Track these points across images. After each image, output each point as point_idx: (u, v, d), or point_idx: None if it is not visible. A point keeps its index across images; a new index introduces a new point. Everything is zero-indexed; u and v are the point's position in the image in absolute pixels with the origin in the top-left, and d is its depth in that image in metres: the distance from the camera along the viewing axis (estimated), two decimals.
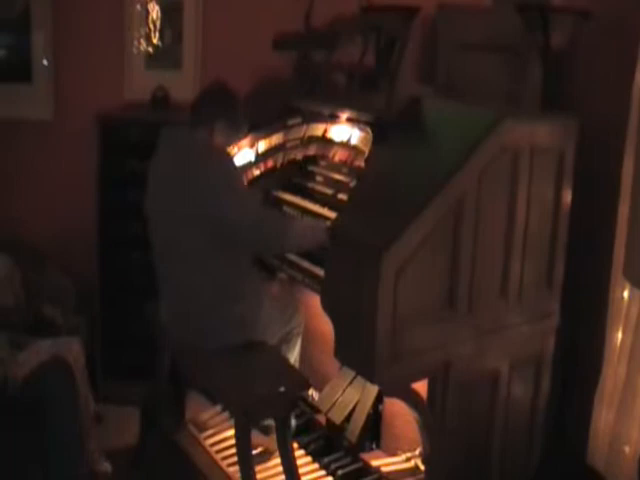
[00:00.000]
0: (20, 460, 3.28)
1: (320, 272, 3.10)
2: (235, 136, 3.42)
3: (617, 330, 3.10)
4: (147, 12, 4.41)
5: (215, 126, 3.26)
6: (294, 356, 3.55)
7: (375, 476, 3.38)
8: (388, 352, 2.66)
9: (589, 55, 3.33)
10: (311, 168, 3.80)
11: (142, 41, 4.43)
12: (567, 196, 3.10)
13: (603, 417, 3.16)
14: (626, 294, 3.06)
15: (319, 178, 3.73)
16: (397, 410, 3.28)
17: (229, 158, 3.34)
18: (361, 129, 3.42)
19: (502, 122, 2.84)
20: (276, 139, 3.79)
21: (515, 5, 3.23)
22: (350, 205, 3.09)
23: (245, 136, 3.61)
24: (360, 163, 3.38)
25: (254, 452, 3.23)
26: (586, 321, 3.31)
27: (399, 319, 2.66)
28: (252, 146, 3.74)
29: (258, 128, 3.75)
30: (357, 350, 2.73)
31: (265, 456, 3.46)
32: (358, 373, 3.15)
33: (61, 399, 3.35)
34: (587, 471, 3.18)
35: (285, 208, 3.68)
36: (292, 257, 3.35)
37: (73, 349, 3.61)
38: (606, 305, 3.17)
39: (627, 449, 3.10)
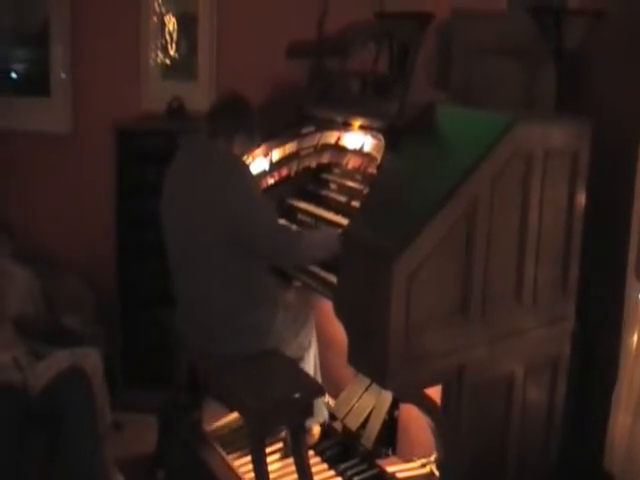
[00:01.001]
0: (38, 467, 3.30)
1: (334, 279, 3.09)
2: (253, 144, 3.45)
3: (633, 333, 3.07)
4: (164, 24, 4.45)
5: (235, 138, 3.28)
6: (312, 367, 3.54)
7: None
8: (401, 357, 2.65)
9: (603, 56, 3.31)
10: (325, 176, 3.81)
11: (159, 53, 4.47)
12: (581, 198, 3.08)
13: (620, 420, 3.13)
14: None
15: (333, 185, 3.74)
16: (413, 416, 3.26)
17: (248, 169, 3.35)
18: (374, 136, 3.42)
19: (515, 125, 2.83)
20: (290, 147, 3.80)
21: (528, 8, 3.22)
22: (362, 211, 3.08)
23: (258, 147, 3.62)
24: (373, 170, 3.38)
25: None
26: (602, 324, 3.27)
27: (412, 324, 2.65)
28: (266, 155, 3.75)
29: (272, 137, 3.76)
30: (370, 356, 2.72)
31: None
32: (371, 379, 3.14)
33: (78, 408, 3.37)
34: (603, 477, 3.14)
35: (299, 216, 3.68)
36: None
37: (91, 359, 3.63)
38: (621, 307, 3.15)
39: None
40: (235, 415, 3.76)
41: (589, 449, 3.32)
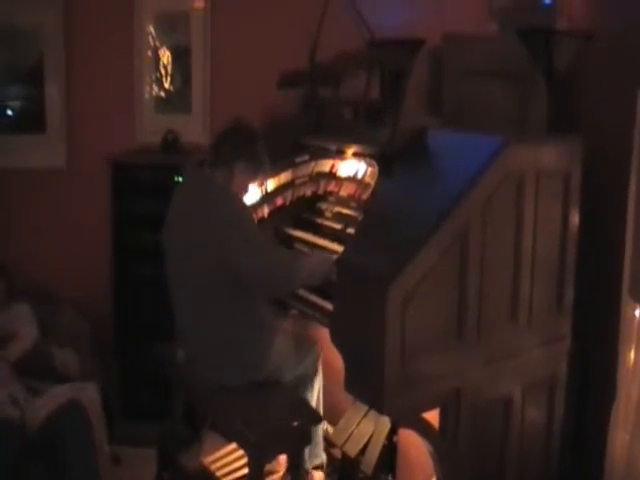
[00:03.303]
0: None
1: (330, 306, 3.08)
2: (258, 172, 3.36)
3: (630, 350, 3.05)
4: (158, 57, 4.49)
5: (234, 167, 3.26)
6: (314, 397, 3.52)
7: None
8: (397, 382, 2.64)
9: (593, 76, 3.34)
10: (320, 204, 3.82)
11: (154, 86, 4.50)
12: (575, 218, 3.09)
13: (619, 438, 3.10)
14: (637, 313, 3.01)
15: (328, 213, 3.75)
16: (412, 441, 3.23)
17: (242, 202, 3.31)
18: (367, 163, 3.44)
19: (505, 148, 2.85)
20: (285, 177, 3.82)
21: (518, 31, 3.24)
22: (356, 237, 3.09)
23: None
24: (368, 197, 3.38)
25: None
26: (598, 342, 3.26)
27: (407, 349, 2.64)
28: (261, 185, 3.75)
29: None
30: (366, 382, 2.71)
31: None
32: (368, 405, 3.13)
33: (77, 442, 3.36)
34: None
35: (296, 244, 3.68)
36: (302, 292, 3.34)
37: (88, 393, 3.65)
38: (618, 325, 3.13)
39: None
40: (234, 445, 3.73)
41: (588, 468, 3.30)
